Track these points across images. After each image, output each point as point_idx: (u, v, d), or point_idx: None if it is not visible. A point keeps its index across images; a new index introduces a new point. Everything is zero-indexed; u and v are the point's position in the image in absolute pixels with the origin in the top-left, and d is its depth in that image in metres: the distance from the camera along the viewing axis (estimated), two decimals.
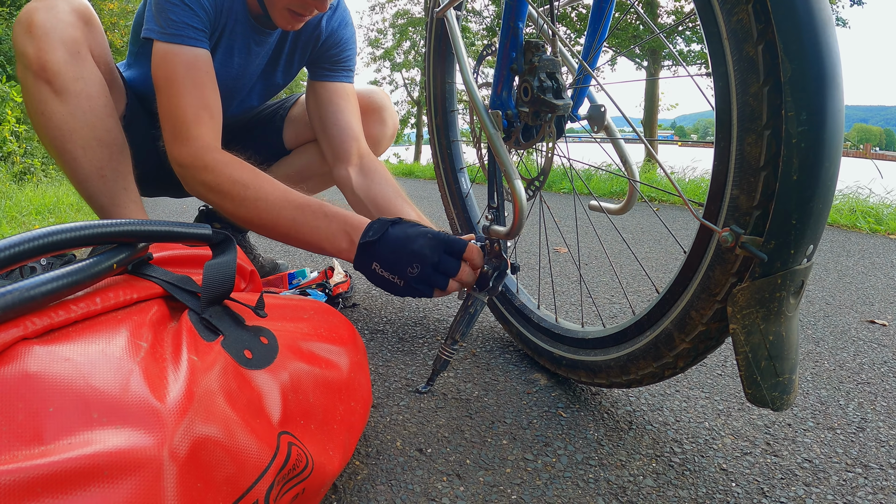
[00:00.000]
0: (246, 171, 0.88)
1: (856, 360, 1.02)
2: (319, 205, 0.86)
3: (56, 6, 0.91)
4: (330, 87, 1.17)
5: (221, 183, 0.87)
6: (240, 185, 0.86)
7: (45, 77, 0.90)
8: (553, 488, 0.62)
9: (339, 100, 1.17)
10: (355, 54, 1.22)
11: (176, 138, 0.89)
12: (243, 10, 1.01)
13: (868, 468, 0.68)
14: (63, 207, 3.03)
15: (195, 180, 0.89)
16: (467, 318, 0.84)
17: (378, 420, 0.75)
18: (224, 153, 0.89)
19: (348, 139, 1.17)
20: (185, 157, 0.89)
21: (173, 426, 0.36)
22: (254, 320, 0.53)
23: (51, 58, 0.89)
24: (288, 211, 0.86)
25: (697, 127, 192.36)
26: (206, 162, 0.88)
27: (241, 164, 0.89)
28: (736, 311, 0.54)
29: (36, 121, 0.94)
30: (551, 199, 3.63)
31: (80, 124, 0.93)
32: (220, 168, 0.87)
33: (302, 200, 0.87)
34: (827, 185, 0.50)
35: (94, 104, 0.94)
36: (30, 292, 0.38)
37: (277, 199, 0.86)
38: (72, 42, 0.92)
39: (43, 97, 0.91)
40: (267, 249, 1.86)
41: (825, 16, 0.48)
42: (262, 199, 0.86)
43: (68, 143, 0.93)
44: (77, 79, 0.92)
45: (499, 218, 0.87)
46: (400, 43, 14.51)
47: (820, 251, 2.03)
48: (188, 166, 0.89)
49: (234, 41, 1.04)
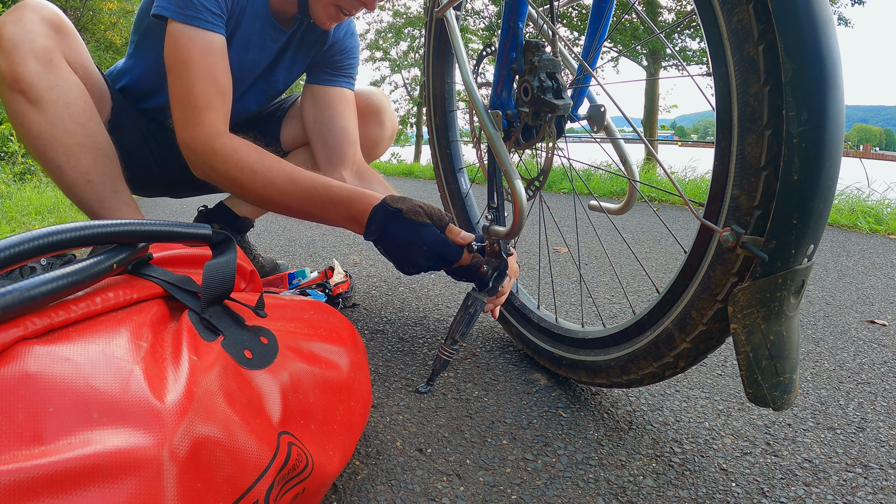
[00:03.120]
0: (255, 155, 0.88)
1: (856, 360, 1.01)
2: (326, 189, 0.86)
3: (23, 17, 0.91)
4: (330, 92, 1.17)
5: (230, 169, 0.87)
6: (248, 171, 0.87)
7: (20, 89, 0.90)
8: (553, 488, 0.62)
9: (339, 104, 1.17)
10: (358, 63, 1.22)
11: (187, 123, 0.89)
12: (264, 6, 1.01)
13: (868, 468, 0.68)
14: (63, 207, 3.03)
15: (205, 164, 0.89)
16: (467, 318, 0.84)
17: (378, 420, 0.75)
18: (233, 137, 0.90)
19: (345, 143, 1.17)
20: (195, 141, 0.89)
21: (173, 426, 0.36)
22: (254, 320, 0.53)
23: (22, 70, 0.90)
24: (296, 197, 0.87)
25: (697, 127, 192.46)
26: (216, 147, 0.88)
27: (250, 147, 0.89)
28: (737, 310, 0.54)
29: (18, 132, 0.95)
30: (551, 199, 3.63)
31: (60, 132, 0.93)
32: (228, 154, 0.88)
33: (309, 185, 0.87)
34: (827, 185, 0.50)
35: (73, 111, 0.95)
36: (30, 292, 0.38)
37: (286, 184, 0.87)
38: (43, 51, 0.91)
39: (20, 108, 0.91)
40: (267, 249, 1.86)
41: (826, 16, 0.48)
42: (270, 184, 0.87)
43: (50, 151, 0.94)
44: (52, 87, 0.92)
45: (499, 218, 0.87)
46: (398, 42, 14.51)
47: (820, 251, 2.03)
48: (198, 151, 0.89)
49: (251, 35, 1.04)
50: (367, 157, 1.35)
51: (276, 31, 1.06)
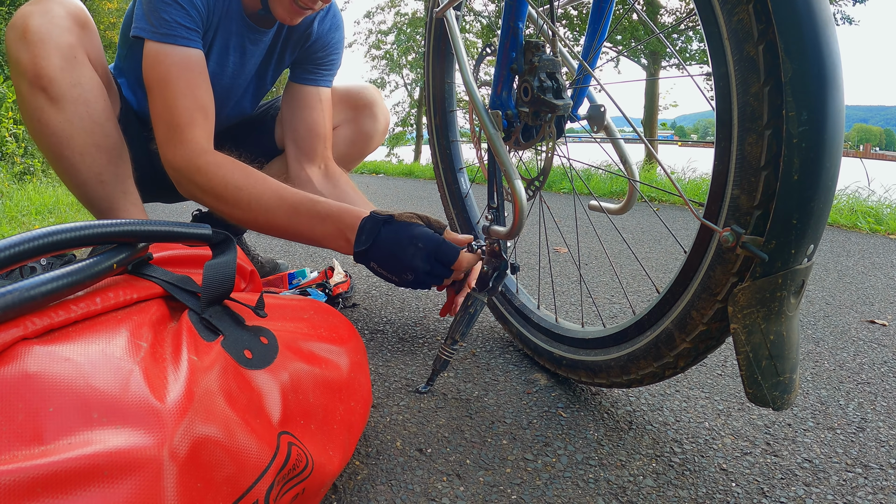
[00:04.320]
0: (239, 172, 0.87)
1: (856, 360, 1.02)
2: (313, 204, 0.86)
3: (51, 10, 0.90)
4: (304, 90, 1.17)
5: (215, 186, 0.87)
6: (233, 188, 0.86)
7: (41, 84, 0.89)
8: (553, 488, 0.62)
9: (313, 100, 1.17)
10: (341, 58, 1.22)
11: (169, 141, 0.89)
12: (238, 9, 1.00)
13: (868, 468, 0.68)
14: (63, 207, 3.03)
15: (189, 183, 0.89)
16: (467, 318, 0.84)
17: (378, 420, 0.75)
18: (217, 154, 0.89)
19: (314, 137, 1.16)
20: (178, 160, 0.88)
21: (173, 426, 0.36)
22: (254, 320, 0.53)
23: (46, 64, 0.88)
24: (282, 213, 0.86)
25: (697, 127, 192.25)
26: (199, 165, 0.87)
27: (235, 164, 0.88)
28: (737, 310, 0.54)
29: (32, 127, 0.93)
30: (551, 199, 3.63)
31: (78, 130, 0.92)
32: (213, 170, 0.87)
33: (296, 200, 0.86)
34: (827, 185, 0.50)
35: (92, 110, 0.94)
36: (30, 292, 0.38)
37: (272, 200, 0.86)
38: (67, 48, 0.90)
39: (39, 105, 0.90)
40: (267, 249, 1.86)
41: (826, 16, 0.48)
42: (255, 201, 0.86)
43: (66, 149, 0.93)
44: (74, 85, 0.91)
45: (499, 218, 0.87)
46: (405, 51, 14.50)
47: (820, 251, 2.03)
48: (182, 169, 0.88)
49: (228, 40, 1.04)
50: (360, 151, 1.35)
51: (253, 31, 1.06)
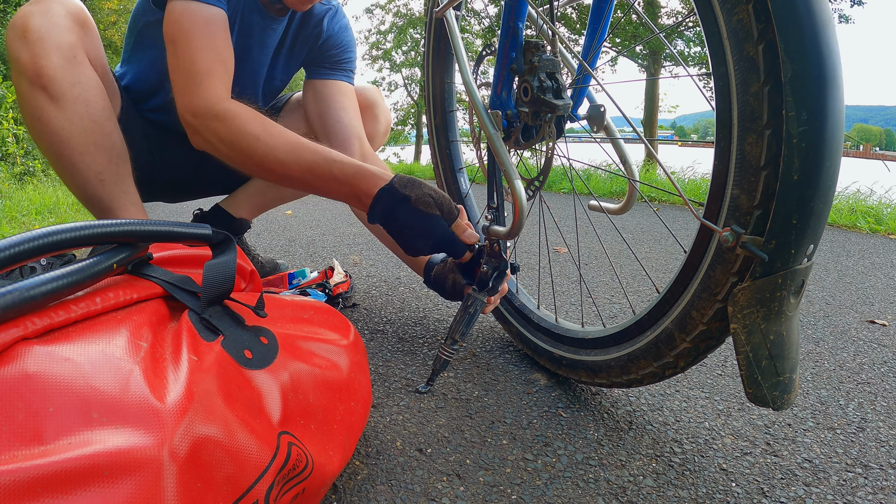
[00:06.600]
0: (257, 122, 0.86)
1: (856, 360, 1.02)
2: (329, 164, 0.84)
3: (51, 10, 0.90)
4: (332, 85, 1.17)
5: (232, 132, 0.85)
6: (251, 137, 0.84)
7: (41, 83, 0.89)
8: (553, 488, 0.62)
9: (342, 98, 1.17)
10: (356, 58, 1.22)
11: (188, 89, 0.87)
12: None
13: (868, 468, 0.68)
14: (63, 207, 3.03)
15: (207, 129, 0.86)
16: (467, 318, 0.84)
17: (378, 420, 0.75)
18: (236, 103, 0.87)
19: (351, 137, 1.17)
20: (197, 106, 0.86)
21: (173, 426, 0.36)
22: (254, 320, 0.53)
23: (46, 63, 0.88)
24: (297, 168, 0.85)
25: (697, 127, 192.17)
26: (217, 112, 0.85)
27: (253, 114, 0.87)
28: (737, 310, 0.54)
29: (32, 126, 0.93)
30: (551, 199, 3.63)
31: (78, 130, 0.92)
32: (230, 118, 0.85)
33: (311, 158, 0.85)
34: (827, 185, 0.50)
35: (92, 109, 0.93)
36: (30, 292, 0.38)
37: (288, 154, 0.85)
38: (68, 47, 0.90)
39: (39, 104, 0.90)
40: (267, 249, 1.86)
41: (826, 16, 0.48)
42: (271, 152, 0.85)
43: (66, 148, 0.92)
44: (74, 84, 0.91)
45: (498, 218, 0.87)
46: (399, 44, 14.50)
47: (820, 251, 2.03)
48: (200, 114, 0.86)
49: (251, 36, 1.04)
50: None
51: (269, 20, 1.06)
